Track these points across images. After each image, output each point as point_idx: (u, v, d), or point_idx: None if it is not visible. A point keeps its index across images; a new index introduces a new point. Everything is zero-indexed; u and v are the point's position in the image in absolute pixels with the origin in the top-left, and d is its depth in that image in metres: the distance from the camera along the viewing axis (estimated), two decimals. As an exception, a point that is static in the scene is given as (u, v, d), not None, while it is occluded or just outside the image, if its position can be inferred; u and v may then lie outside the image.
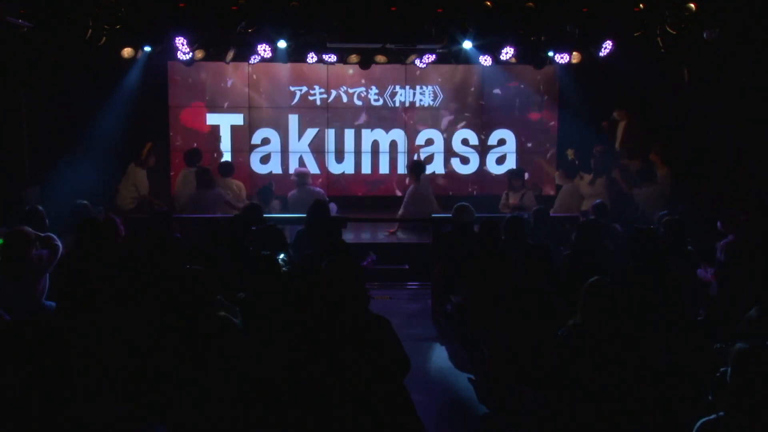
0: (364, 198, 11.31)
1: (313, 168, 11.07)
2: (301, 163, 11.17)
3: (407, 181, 9.58)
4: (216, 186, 8.72)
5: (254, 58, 9.08)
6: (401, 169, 11.34)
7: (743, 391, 2.80)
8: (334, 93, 11.26)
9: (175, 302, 3.71)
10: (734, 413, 2.80)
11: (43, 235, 5.68)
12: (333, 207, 8.59)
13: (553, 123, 11.41)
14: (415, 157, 10.99)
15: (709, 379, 3.27)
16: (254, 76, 11.11)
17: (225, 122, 11.14)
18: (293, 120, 11.22)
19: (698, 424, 2.87)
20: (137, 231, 6.21)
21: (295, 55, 9.20)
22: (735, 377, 2.83)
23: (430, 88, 11.36)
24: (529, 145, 11.47)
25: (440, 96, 11.39)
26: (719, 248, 6.05)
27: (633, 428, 3.64)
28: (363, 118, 11.38)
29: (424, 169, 9.47)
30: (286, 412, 3.41)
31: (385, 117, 11.40)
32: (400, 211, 9.31)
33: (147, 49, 8.87)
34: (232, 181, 9.31)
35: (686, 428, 3.20)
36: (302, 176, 9.13)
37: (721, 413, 2.84)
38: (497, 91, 11.39)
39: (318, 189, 9.28)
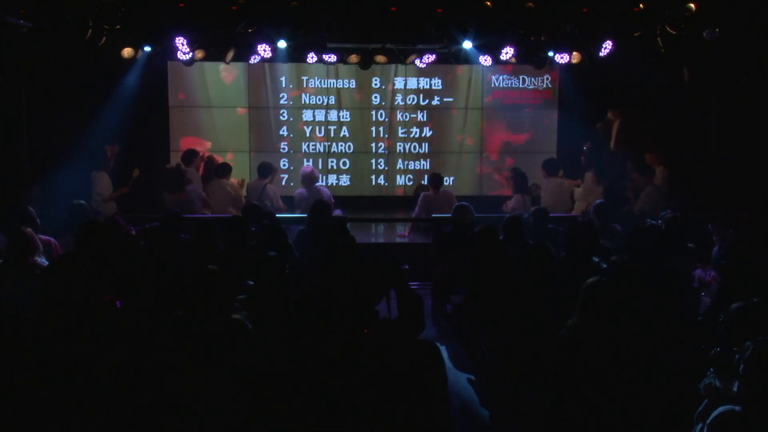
0: (364, 198, 11.32)
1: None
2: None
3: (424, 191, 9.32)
4: (186, 187, 8.52)
5: (254, 58, 9.07)
6: (400, 164, 11.48)
7: (762, 385, 2.82)
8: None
9: (190, 303, 3.68)
10: (752, 408, 2.82)
11: (44, 238, 5.69)
12: (338, 213, 8.60)
13: (552, 123, 11.41)
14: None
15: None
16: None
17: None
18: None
19: (714, 414, 2.88)
20: (142, 231, 6.20)
21: (295, 55, 9.19)
22: (753, 372, 2.85)
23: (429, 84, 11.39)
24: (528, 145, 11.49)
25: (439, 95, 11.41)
26: (715, 257, 6.09)
27: (633, 428, 3.63)
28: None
29: (442, 182, 9.33)
30: (292, 418, 3.38)
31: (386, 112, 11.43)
32: (413, 214, 9.23)
33: (147, 49, 8.86)
34: (227, 182, 9.26)
35: (685, 427, 3.21)
36: (310, 176, 9.06)
37: (737, 407, 2.85)
38: (497, 90, 11.41)
39: (326, 190, 9.26)
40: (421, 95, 11.40)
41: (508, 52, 8.86)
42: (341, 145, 11.41)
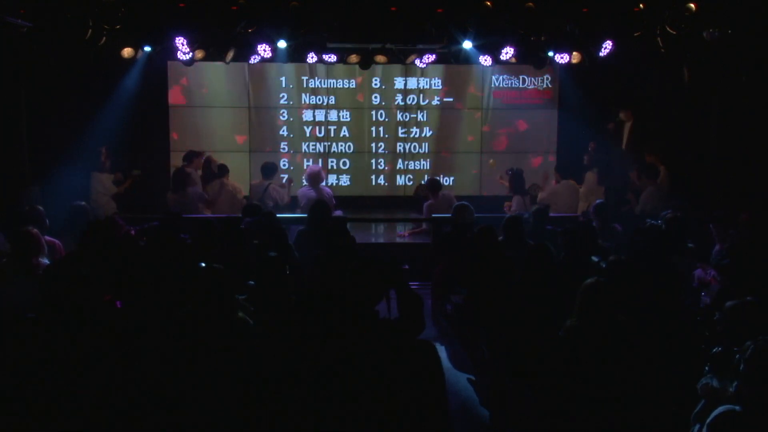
0: (364, 198, 11.32)
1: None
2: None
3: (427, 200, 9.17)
4: (189, 186, 8.63)
5: (254, 58, 9.08)
6: (400, 164, 11.49)
7: (762, 385, 2.82)
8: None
9: (194, 301, 3.68)
10: (752, 408, 2.82)
11: (48, 239, 5.69)
12: (338, 214, 8.61)
13: (552, 123, 11.40)
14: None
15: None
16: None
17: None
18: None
19: (714, 414, 2.88)
20: (141, 231, 6.21)
21: (295, 55, 9.19)
22: (753, 372, 2.85)
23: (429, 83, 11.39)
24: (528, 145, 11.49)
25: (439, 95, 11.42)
26: (714, 257, 6.09)
27: (632, 428, 3.64)
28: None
29: (440, 187, 9.26)
30: (292, 418, 3.38)
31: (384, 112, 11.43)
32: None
33: (147, 49, 8.86)
34: (227, 182, 9.32)
35: (684, 427, 3.20)
36: (317, 176, 9.08)
37: (737, 407, 2.85)
38: (496, 90, 11.41)
39: (328, 190, 9.29)
40: (421, 95, 11.40)
41: (508, 52, 8.87)
42: (341, 145, 11.41)
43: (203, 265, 3.88)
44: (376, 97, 11.37)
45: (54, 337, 3.45)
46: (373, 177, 11.52)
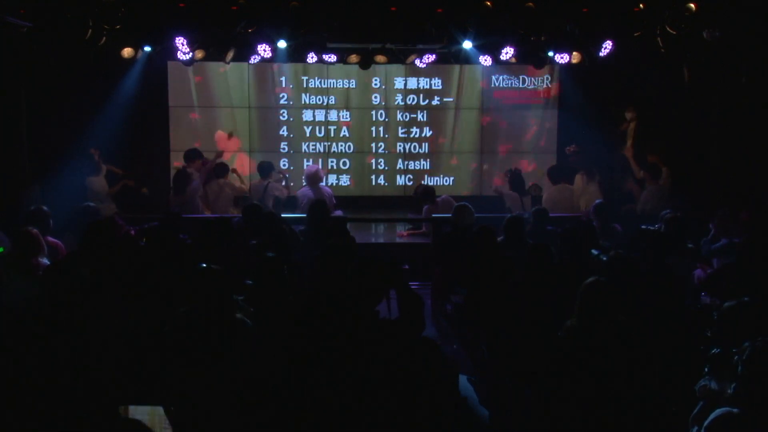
0: (365, 198, 11.31)
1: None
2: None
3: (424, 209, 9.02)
4: (188, 186, 8.72)
5: (254, 58, 9.08)
6: (400, 164, 11.48)
7: (761, 386, 2.81)
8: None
9: (193, 301, 3.69)
10: (750, 409, 2.82)
11: (51, 240, 5.69)
12: (338, 214, 8.62)
13: (552, 123, 11.40)
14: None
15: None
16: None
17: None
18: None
19: (712, 416, 2.88)
20: (141, 231, 6.21)
21: (295, 55, 9.19)
22: (752, 374, 2.85)
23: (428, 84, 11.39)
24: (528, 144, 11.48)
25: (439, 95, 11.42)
26: (714, 251, 6.09)
27: (631, 428, 3.63)
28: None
29: (434, 192, 9.13)
30: (292, 418, 3.38)
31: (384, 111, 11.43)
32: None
33: (147, 49, 8.86)
34: (227, 182, 9.36)
35: (683, 428, 3.20)
36: (315, 175, 9.09)
37: (735, 409, 2.85)
38: (496, 90, 11.40)
39: (328, 190, 9.30)
40: (421, 95, 11.39)
41: (508, 52, 8.86)
42: (341, 145, 11.40)
43: (203, 266, 3.89)
44: (376, 97, 11.36)
45: (54, 337, 3.45)
46: (373, 177, 11.51)
